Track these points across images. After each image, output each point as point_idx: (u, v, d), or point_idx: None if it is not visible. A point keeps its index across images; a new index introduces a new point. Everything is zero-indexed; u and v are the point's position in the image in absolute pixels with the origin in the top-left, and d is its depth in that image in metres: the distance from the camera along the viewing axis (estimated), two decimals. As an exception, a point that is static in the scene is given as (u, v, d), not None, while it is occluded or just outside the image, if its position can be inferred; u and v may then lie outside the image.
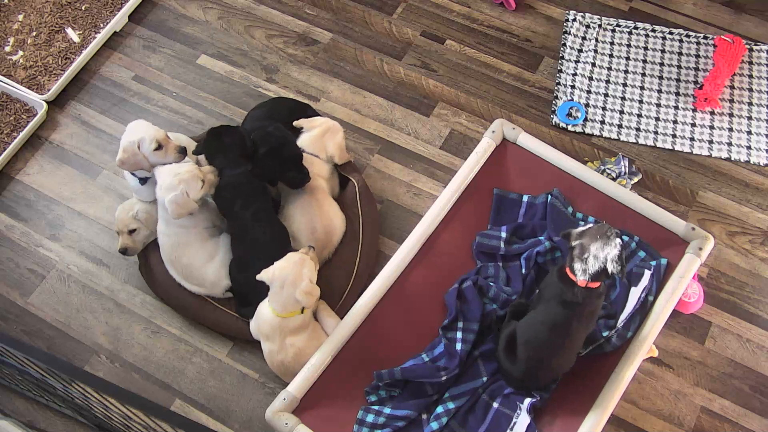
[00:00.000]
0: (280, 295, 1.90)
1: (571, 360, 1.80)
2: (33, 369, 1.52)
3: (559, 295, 1.70)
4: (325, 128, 2.25)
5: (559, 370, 1.81)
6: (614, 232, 1.67)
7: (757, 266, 2.23)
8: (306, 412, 1.84)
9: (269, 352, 1.97)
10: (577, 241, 1.68)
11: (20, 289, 2.26)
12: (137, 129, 2.06)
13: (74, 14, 2.73)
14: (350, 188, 2.24)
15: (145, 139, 2.01)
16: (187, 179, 1.97)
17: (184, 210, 1.97)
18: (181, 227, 2.07)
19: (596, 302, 1.72)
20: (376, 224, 2.24)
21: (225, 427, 2.04)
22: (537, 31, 2.67)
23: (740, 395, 2.05)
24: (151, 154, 2.02)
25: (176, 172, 1.97)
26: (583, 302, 1.69)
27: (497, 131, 2.19)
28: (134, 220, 2.12)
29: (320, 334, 1.99)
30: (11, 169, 2.46)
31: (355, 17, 2.72)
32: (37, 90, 2.56)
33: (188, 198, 1.97)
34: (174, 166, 2.00)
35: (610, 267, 1.64)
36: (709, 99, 2.44)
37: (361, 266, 2.15)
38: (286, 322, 1.92)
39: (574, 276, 1.67)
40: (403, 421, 1.84)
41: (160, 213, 2.09)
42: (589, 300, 1.69)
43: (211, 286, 2.11)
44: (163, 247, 2.11)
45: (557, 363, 1.78)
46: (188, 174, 1.97)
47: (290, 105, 2.38)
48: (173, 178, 1.96)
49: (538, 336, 1.74)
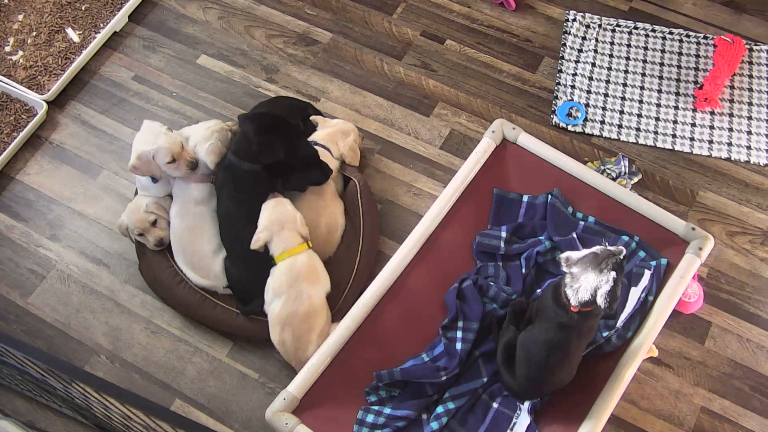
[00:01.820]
0: (282, 238, 1.98)
1: (571, 374, 1.79)
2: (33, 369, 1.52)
3: (554, 318, 1.68)
4: (339, 128, 2.29)
5: (560, 384, 1.80)
6: (610, 263, 1.59)
7: (757, 266, 2.23)
8: (306, 412, 1.84)
9: (282, 305, 1.97)
10: (570, 269, 1.64)
11: (20, 289, 2.26)
12: (152, 135, 2.08)
13: (74, 14, 2.73)
14: (351, 187, 2.25)
15: (160, 152, 2.05)
16: (218, 129, 2.18)
17: (219, 158, 2.13)
18: (200, 206, 2.13)
19: (593, 322, 1.71)
20: (377, 223, 2.24)
21: (225, 427, 2.04)
22: (537, 31, 2.67)
23: (740, 395, 2.05)
24: (164, 166, 2.08)
25: (207, 126, 2.18)
26: (578, 325, 1.67)
27: (497, 131, 2.19)
28: (150, 214, 2.14)
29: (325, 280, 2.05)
30: (11, 169, 2.46)
31: (355, 17, 2.72)
32: (37, 90, 2.56)
33: (221, 146, 2.14)
34: (204, 122, 2.22)
35: (599, 300, 1.60)
36: (709, 99, 2.44)
37: (361, 265, 2.15)
38: (296, 263, 1.98)
39: (567, 300, 1.65)
40: (403, 421, 1.84)
41: (176, 194, 2.15)
42: (585, 321, 1.68)
43: (215, 278, 2.11)
44: (176, 231, 2.13)
45: (558, 378, 1.77)
46: (218, 126, 2.20)
47: (291, 103, 2.39)
48: (206, 130, 2.16)
49: (537, 354, 1.73)
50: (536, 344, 1.73)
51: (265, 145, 2.04)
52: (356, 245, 2.17)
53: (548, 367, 1.73)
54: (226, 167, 2.09)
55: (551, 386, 1.79)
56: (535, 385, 1.78)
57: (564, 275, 1.66)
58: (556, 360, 1.72)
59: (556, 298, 1.68)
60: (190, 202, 2.13)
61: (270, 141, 2.04)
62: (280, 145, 2.06)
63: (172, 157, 2.06)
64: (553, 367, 1.73)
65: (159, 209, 2.16)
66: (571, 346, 1.71)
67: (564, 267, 1.65)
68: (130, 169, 2.09)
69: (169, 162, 2.06)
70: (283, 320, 1.97)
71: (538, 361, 1.72)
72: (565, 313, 1.66)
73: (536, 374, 1.75)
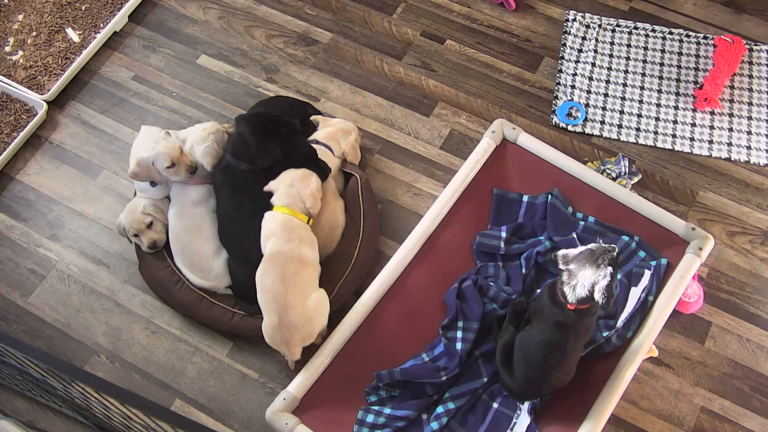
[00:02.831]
0: (287, 193, 1.99)
1: (569, 374, 1.79)
2: (33, 369, 1.52)
3: (551, 317, 1.68)
4: (340, 126, 2.29)
5: (559, 384, 1.80)
6: (606, 259, 1.60)
7: (757, 266, 2.23)
8: (306, 412, 1.84)
9: (270, 247, 1.95)
10: (567, 266, 1.64)
11: (20, 289, 2.26)
12: (151, 141, 2.08)
13: (74, 14, 2.73)
14: (353, 183, 2.25)
15: (159, 158, 2.05)
16: (215, 131, 2.16)
17: (215, 160, 2.12)
18: (197, 207, 2.12)
19: (590, 320, 1.71)
20: (377, 219, 2.24)
21: (225, 427, 2.04)
22: (537, 31, 2.67)
23: (740, 395, 2.05)
24: (164, 171, 2.08)
25: (203, 128, 2.16)
26: (575, 323, 1.67)
27: (497, 131, 2.19)
28: (146, 215, 2.14)
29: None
30: (11, 169, 2.46)
31: (355, 17, 2.72)
32: (37, 90, 2.56)
33: (218, 148, 2.13)
34: (200, 124, 2.20)
35: (597, 296, 1.61)
36: (709, 99, 2.44)
37: (359, 258, 2.14)
38: (294, 221, 1.97)
39: (564, 299, 1.65)
40: (403, 421, 1.84)
41: (174, 196, 2.14)
42: (582, 320, 1.68)
43: (215, 278, 2.11)
44: (174, 232, 2.13)
45: (556, 378, 1.77)
46: (214, 128, 2.18)
47: (290, 102, 2.40)
48: (202, 132, 2.14)
49: (535, 354, 1.73)
50: (534, 344, 1.73)
51: (262, 147, 2.04)
52: (356, 240, 2.17)
53: (547, 367, 1.73)
54: (225, 168, 2.09)
55: (550, 387, 1.79)
56: (534, 385, 1.78)
57: (561, 273, 1.66)
58: (554, 360, 1.72)
59: (552, 296, 1.68)
60: (188, 203, 2.13)
61: (267, 142, 2.05)
62: (277, 145, 2.06)
63: (172, 161, 2.06)
64: (551, 367, 1.73)
65: (156, 211, 2.16)
66: (569, 345, 1.71)
67: (561, 264, 1.65)
68: (131, 176, 2.10)
69: (169, 167, 2.06)
70: (269, 259, 1.95)
71: (536, 361, 1.72)
72: (562, 312, 1.66)
73: (535, 374, 1.75)
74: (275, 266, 1.93)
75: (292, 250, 1.94)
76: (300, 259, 1.94)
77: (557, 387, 1.80)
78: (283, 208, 1.99)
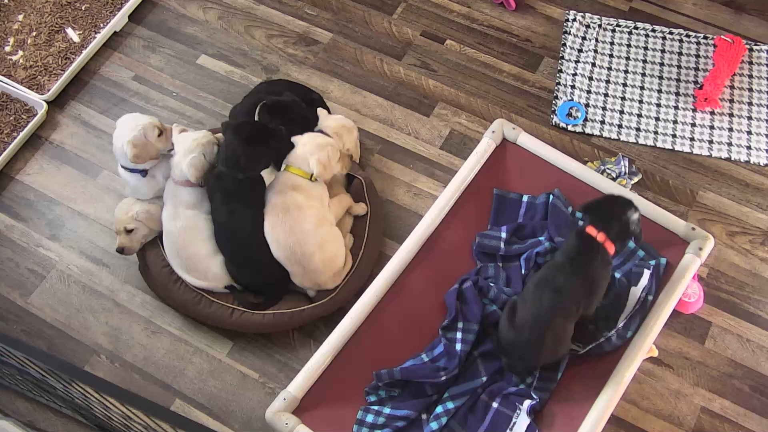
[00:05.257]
0: (295, 154, 2.06)
1: (566, 338, 1.79)
2: (33, 369, 1.52)
3: (567, 252, 1.77)
4: (343, 122, 2.28)
5: (554, 350, 1.80)
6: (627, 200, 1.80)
7: (757, 266, 2.23)
8: (306, 412, 1.84)
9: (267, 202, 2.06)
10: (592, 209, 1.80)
11: (20, 289, 2.26)
12: (131, 122, 2.08)
13: (74, 14, 2.73)
14: (357, 184, 2.25)
15: (147, 129, 2.05)
16: (205, 143, 2.09)
17: (201, 172, 2.08)
18: (192, 209, 2.10)
19: (603, 270, 1.77)
20: (382, 220, 2.26)
21: (225, 427, 2.04)
22: (537, 31, 2.67)
23: (740, 395, 2.05)
24: (156, 142, 2.08)
25: (194, 138, 2.10)
26: (590, 263, 1.74)
27: (497, 131, 2.19)
28: (133, 220, 2.10)
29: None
30: (11, 169, 2.46)
31: (355, 17, 2.72)
32: (37, 90, 2.56)
33: (205, 160, 2.08)
34: (191, 133, 2.13)
35: (632, 227, 1.76)
36: (709, 99, 2.44)
37: (363, 259, 2.15)
38: (292, 177, 2.05)
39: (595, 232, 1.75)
40: (403, 421, 1.84)
41: (167, 196, 2.12)
42: (598, 263, 1.75)
43: (214, 279, 2.11)
44: (170, 234, 2.10)
45: (553, 337, 1.76)
46: (205, 138, 2.11)
47: (284, 84, 2.43)
48: (191, 142, 2.09)
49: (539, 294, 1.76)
50: (540, 280, 1.79)
51: (251, 158, 2.03)
52: (360, 241, 2.18)
53: (547, 309, 1.75)
54: (217, 175, 2.06)
55: (547, 350, 1.80)
56: (533, 337, 1.77)
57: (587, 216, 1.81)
58: (555, 298, 1.75)
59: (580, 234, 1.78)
60: (181, 204, 2.10)
61: (256, 153, 2.04)
62: (267, 156, 2.07)
63: (159, 129, 2.07)
64: (551, 310, 1.75)
65: (148, 220, 2.12)
66: (573, 287, 1.74)
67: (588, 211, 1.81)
68: (132, 160, 2.04)
69: (159, 135, 2.07)
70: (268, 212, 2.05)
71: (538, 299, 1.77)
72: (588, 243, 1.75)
73: (534, 320, 1.76)
74: (275, 216, 2.03)
75: (285, 201, 2.03)
76: (297, 206, 2.02)
77: (553, 354, 1.81)
78: (290, 168, 2.07)
